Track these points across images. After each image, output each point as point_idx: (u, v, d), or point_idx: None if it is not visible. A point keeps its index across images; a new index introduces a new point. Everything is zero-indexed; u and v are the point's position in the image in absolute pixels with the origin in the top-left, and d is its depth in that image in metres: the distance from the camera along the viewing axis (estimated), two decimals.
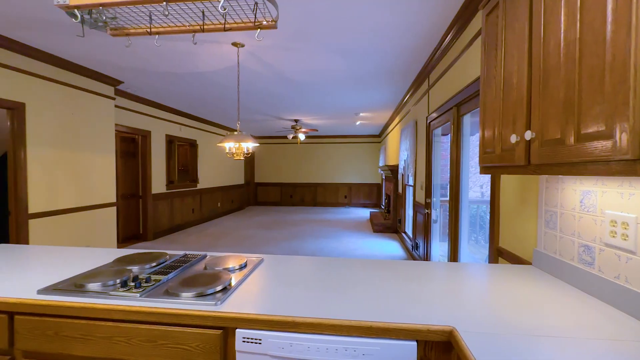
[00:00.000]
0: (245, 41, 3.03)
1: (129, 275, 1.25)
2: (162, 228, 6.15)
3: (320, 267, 1.45)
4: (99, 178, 4.17)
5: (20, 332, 1.09)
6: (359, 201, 10.93)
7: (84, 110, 3.92)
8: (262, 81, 4.33)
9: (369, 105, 5.99)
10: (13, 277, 1.30)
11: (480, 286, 1.24)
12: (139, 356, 1.04)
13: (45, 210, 3.43)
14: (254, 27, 1.43)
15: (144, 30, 1.45)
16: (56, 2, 1.26)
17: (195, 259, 1.52)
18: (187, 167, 7.26)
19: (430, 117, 3.64)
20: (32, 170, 3.28)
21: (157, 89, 4.85)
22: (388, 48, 3.20)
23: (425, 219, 3.81)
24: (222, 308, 1.03)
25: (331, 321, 0.95)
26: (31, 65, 3.26)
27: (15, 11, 2.47)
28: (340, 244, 5.56)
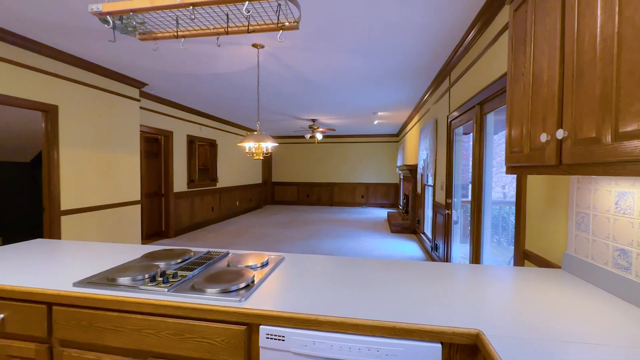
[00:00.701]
0: (265, 42, 3.07)
1: (157, 271, 1.30)
2: (183, 226, 6.32)
3: (341, 267, 1.45)
4: (125, 177, 4.33)
5: (57, 322, 1.15)
6: (376, 201, 10.84)
7: (111, 112, 4.08)
8: (281, 81, 4.38)
9: (388, 104, 5.93)
10: (50, 270, 1.38)
11: (507, 289, 1.21)
12: (167, 348, 1.08)
13: (75, 207, 3.60)
14: (276, 29, 1.45)
15: (171, 34, 1.50)
16: (90, 9, 1.33)
17: (218, 256, 1.55)
18: (207, 167, 7.43)
19: (451, 115, 3.56)
20: (64, 169, 3.45)
21: (180, 91, 4.99)
22: (409, 46, 3.16)
23: (446, 220, 3.74)
24: (246, 304, 1.05)
25: (354, 320, 0.95)
26: (63, 69, 3.43)
27: (50, 18, 2.60)
28: (357, 244, 5.54)
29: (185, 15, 1.39)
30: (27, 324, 1.18)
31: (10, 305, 1.19)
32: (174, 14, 1.41)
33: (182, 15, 1.41)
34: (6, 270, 1.36)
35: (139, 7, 1.29)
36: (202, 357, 1.06)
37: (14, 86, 2.96)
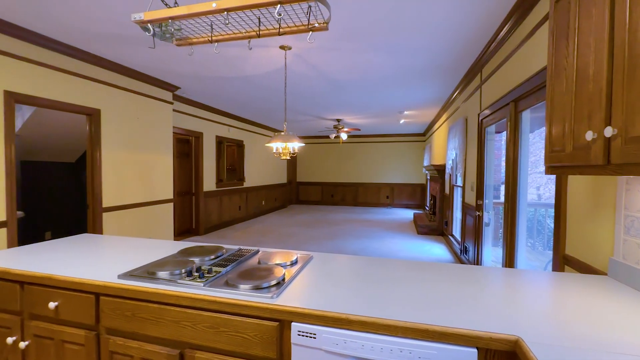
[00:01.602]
0: (292, 44, 3.11)
1: (193, 266, 1.35)
2: (212, 223, 6.54)
3: (369, 267, 1.45)
4: (159, 177, 4.55)
5: (104, 311, 1.24)
6: (401, 202, 10.65)
7: (146, 115, 4.31)
8: (307, 82, 4.41)
9: (414, 103, 5.81)
10: (97, 262, 1.48)
11: (546, 295, 1.15)
12: (202, 340, 1.12)
13: (115, 205, 3.83)
14: (306, 30, 1.47)
15: (206, 38, 1.56)
16: (133, 19, 1.41)
17: (249, 254, 1.60)
18: (234, 167, 7.64)
19: (483, 114, 3.43)
20: (105, 169, 3.68)
21: (209, 93, 5.17)
22: (438, 43, 3.08)
23: (476, 222, 3.61)
24: (278, 301, 1.07)
25: (385, 321, 0.95)
26: (105, 75, 3.66)
27: (95, 28, 2.79)
28: (382, 245, 5.47)
29: (220, 21, 1.44)
30: (78, 312, 1.27)
31: (63, 294, 1.30)
32: (208, 20, 1.47)
33: (216, 21, 1.47)
34: (58, 261, 1.48)
35: (177, 14, 1.35)
36: (235, 350, 1.09)
37: (62, 92, 3.20)
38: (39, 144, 4.56)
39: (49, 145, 4.70)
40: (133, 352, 1.20)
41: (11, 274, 1.35)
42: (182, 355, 1.16)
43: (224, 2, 1.29)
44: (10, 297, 1.37)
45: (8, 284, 1.37)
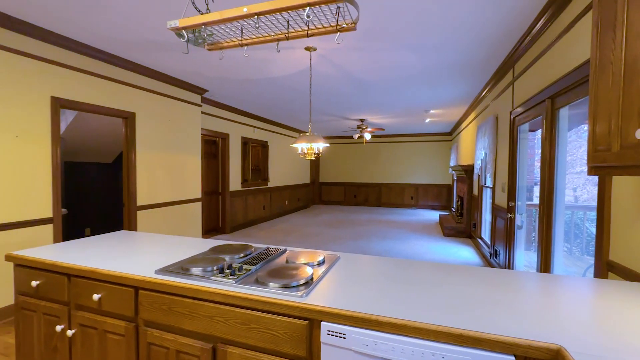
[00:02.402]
0: (317, 45, 3.13)
1: (224, 264, 1.40)
2: (237, 222, 6.70)
3: (398, 268, 1.43)
4: (188, 177, 4.73)
5: (143, 304, 1.31)
6: (426, 203, 10.41)
7: (177, 117, 4.48)
8: (331, 82, 4.42)
9: (441, 101, 5.66)
10: (135, 258, 1.56)
11: (588, 303, 1.09)
12: (234, 336, 1.16)
13: (148, 204, 4.02)
14: (334, 31, 1.47)
15: (236, 42, 1.60)
16: (169, 26, 1.47)
17: (277, 253, 1.63)
18: (258, 167, 7.79)
19: (515, 111, 3.29)
20: (139, 169, 3.88)
21: (236, 95, 5.30)
22: (466, 40, 2.98)
23: (507, 224, 3.46)
24: (307, 300, 1.08)
25: (417, 324, 0.93)
26: (140, 80, 3.85)
27: (131, 36, 2.94)
28: (407, 247, 5.38)
29: (250, 25, 1.48)
30: (119, 304, 1.35)
31: (105, 286, 1.38)
32: (239, 24, 1.51)
33: (247, 25, 1.51)
34: (101, 256, 1.58)
35: (210, 20, 1.40)
36: (266, 347, 1.12)
37: (102, 96, 3.40)
38: (80, 146, 4.87)
39: (88, 147, 5.00)
40: (169, 344, 1.26)
41: (60, 266, 1.45)
42: (215, 349, 1.20)
43: (255, 6, 1.33)
44: (59, 289, 1.48)
45: (57, 276, 1.48)
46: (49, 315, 1.52)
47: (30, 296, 1.57)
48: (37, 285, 1.53)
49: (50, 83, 2.93)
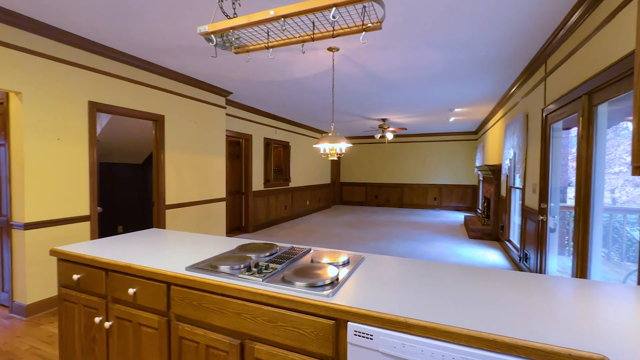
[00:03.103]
0: (340, 45, 3.13)
1: (250, 262, 1.43)
2: (260, 222, 6.82)
3: (424, 270, 1.40)
4: (213, 177, 4.86)
5: (174, 299, 1.36)
6: (450, 204, 10.14)
7: (202, 119, 4.62)
8: (353, 82, 4.40)
9: (466, 99, 5.50)
10: (167, 254, 1.63)
11: (633, 311, 1.02)
12: (261, 333, 1.18)
13: (175, 203, 4.18)
14: (359, 31, 1.47)
15: (263, 45, 1.63)
16: (199, 31, 1.53)
17: (302, 252, 1.64)
18: (280, 167, 7.88)
19: (548, 109, 3.14)
20: (168, 170, 4.03)
21: (259, 97, 5.40)
22: (495, 35, 2.88)
23: (539, 227, 3.31)
24: (333, 300, 1.09)
25: (447, 327, 0.91)
26: (168, 84, 4.00)
27: (160, 42, 3.07)
28: (431, 248, 5.26)
29: (276, 27, 1.50)
30: (152, 298, 1.41)
31: (139, 281, 1.45)
32: (265, 27, 1.54)
33: (273, 27, 1.53)
34: (135, 252, 1.65)
35: (238, 24, 1.44)
36: (292, 345, 1.13)
37: (134, 100, 3.57)
38: (113, 147, 5.13)
39: (120, 148, 5.26)
40: (199, 339, 1.30)
41: (99, 262, 1.54)
42: (243, 345, 1.22)
43: (281, 9, 1.35)
44: (98, 282, 1.57)
45: (96, 271, 1.57)
46: (88, 308, 1.61)
47: (72, 289, 1.68)
48: (78, 279, 1.63)
49: (88, 88, 3.10)
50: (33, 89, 2.69)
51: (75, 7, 2.41)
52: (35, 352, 2.18)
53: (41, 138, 2.76)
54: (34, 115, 2.71)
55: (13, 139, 2.71)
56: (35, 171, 2.73)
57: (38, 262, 2.77)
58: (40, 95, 2.74)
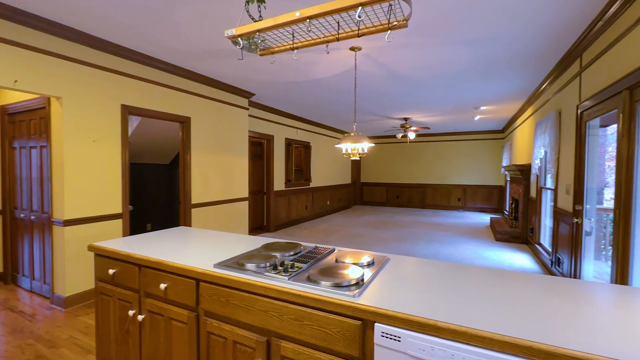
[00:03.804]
0: (362, 44, 3.11)
1: (276, 260, 1.45)
2: (281, 221, 6.89)
3: (452, 272, 1.37)
4: (236, 177, 4.97)
5: (203, 295, 1.40)
6: (475, 205, 9.82)
7: (226, 121, 4.74)
8: (375, 82, 4.36)
9: (492, 97, 5.31)
10: (195, 252, 1.68)
11: None
12: (288, 331, 1.19)
13: (201, 202, 4.30)
14: (385, 29, 1.46)
15: (288, 46, 1.65)
16: (226, 34, 1.56)
17: (326, 252, 1.64)
18: (301, 167, 7.93)
19: (583, 105, 2.97)
20: (194, 170, 4.16)
21: (281, 98, 5.46)
22: (525, 29, 2.76)
23: (573, 230, 3.14)
24: (360, 300, 1.08)
25: (479, 332, 0.88)
26: (195, 87, 4.13)
27: (188, 47, 3.17)
28: (456, 251, 5.12)
29: (301, 28, 1.52)
30: (182, 294, 1.46)
31: (170, 277, 1.50)
32: (290, 29, 1.55)
33: (298, 29, 1.55)
34: (165, 249, 1.72)
35: (264, 26, 1.46)
36: (318, 344, 1.13)
37: (162, 103, 3.71)
38: (142, 148, 5.35)
39: (149, 149, 5.48)
40: (226, 335, 1.33)
41: (133, 257, 1.61)
42: (269, 342, 1.24)
43: (307, 10, 1.36)
44: (132, 277, 1.64)
45: (130, 266, 1.64)
46: (122, 301, 1.70)
47: (108, 282, 1.77)
48: (114, 273, 1.71)
49: (120, 92, 3.26)
50: (72, 93, 2.86)
51: (110, 15, 2.54)
52: (74, 342, 2.32)
53: (79, 140, 2.92)
54: (72, 119, 2.87)
55: (54, 141, 2.89)
56: (74, 171, 2.90)
57: (75, 257, 2.94)
58: (78, 99, 2.91)
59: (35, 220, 3.18)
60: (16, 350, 2.21)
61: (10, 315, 2.75)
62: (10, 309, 2.87)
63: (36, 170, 3.16)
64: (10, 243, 3.48)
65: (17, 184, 3.39)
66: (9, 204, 3.46)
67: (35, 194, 3.18)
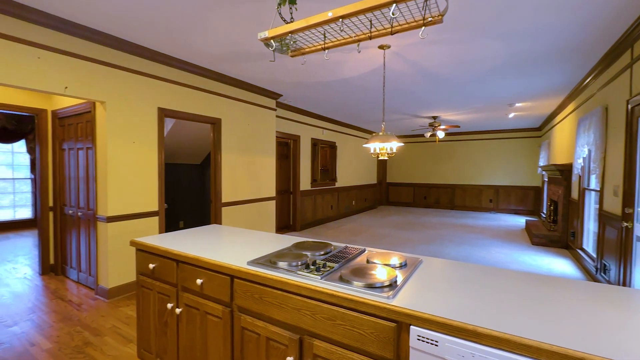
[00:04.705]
0: (391, 42, 3.06)
1: (307, 259, 1.46)
2: (307, 221, 6.94)
3: (489, 277, 1.31)
4: (264, 177, 5.06)
5: (237, 291, 1.44)
6: (508, 206, 9.37)
7: (254, 122, 4.84)
8: (403, 80, 4.28)
9: (529, 93, 5.03)
10: (228, 249, 1.73)
11: None
12: (320, 330, 1.20)
13: (230, 201, 4.43)
14: (418, 26, 1.42)
15: (319, 47, 1.66)
16: (259, 37, 1.60)
17: (357, 252, 1.64)
18: (327, 167, 7.95)
19: (634, 100, 2.75)
20: (224, 170, 4.29)
21: (307, 98, 5.50)
22: (565, 20, 2.60)
23: (622, 235, 2.91)
24: (394, 302, 1.07)
25: (524, 340, 0.84)
26: (225, 89, 4.26)
27: (219, 50, 3.27)
28: (488, 254, 4.91)
29: (333, 29, 1.52)
30: (217, 289, 1.51)
31: (206, 273, 1.56)
32: (322, 29, 1.56)
33: (329, 29, 1.55)
34: (200, 246, 1.79)
35: (297, 27, 1.48)
36: (351, 344, 1.13)
37: (196, 105, 3.86)
38: (175, 149, 5.59)
39: (181, 150, 5.72)
40: (260, 331, 1.36)
41: (171, 253, 1.69)
42: (302, 340, 1.26)
43: (340, 10, 1.36)
44: (170, 272, 1.72)
45: (169, 262, 1.72)
46: (161, 294, 1.78)
47: (148, 276, 1.87)
48: (153, 268, 1.80)
49: (157, 96, 3.43)
50: (114, 98, 3.04)
51: (148, 22, 2.67)
52: (117, 331, 2.47)
53: (120, 142, 3.11)
54: (115, 121, 3.06)
55: (99, 143, 3.09)
56: (116, 171, 3.08)
57: (117, 252, 3.13)
58: (120, 103, 3.09)
59: (82, 216, 3.42)
60: (67, 337, 2.39)
61: (61, 304, 2.98)
62: (60, 298, 3.10)
63: (83, 170, 3.40)
64: (60, 237, 3.77)
65: (66, 182, 3.67)
66: (59, 201, 3.74)
67: (82, 192, 3.42)
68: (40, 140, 3.70)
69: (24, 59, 2.46)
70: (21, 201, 6.99)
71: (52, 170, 3.76)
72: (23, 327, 2.54)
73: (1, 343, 2.30)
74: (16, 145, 6.87)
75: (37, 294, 3.22)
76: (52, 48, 2.60)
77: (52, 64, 2.61)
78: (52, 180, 3.77)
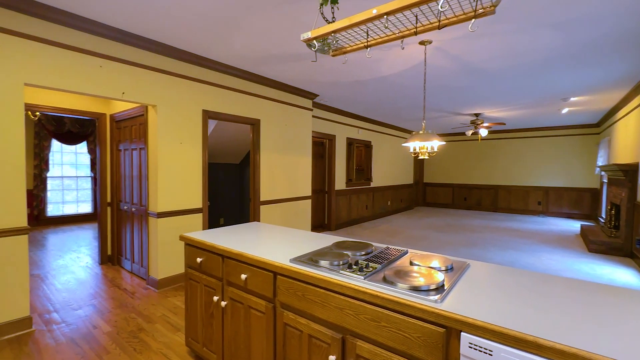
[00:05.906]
0: (433, 37, 2.96)
1: (349, 259, 1.45)
2: (341, 220, 6.93)
3: (547, 285, 1.22)
4: (301, 176, 5.13)
5: (280, 287, 1.47)
6: (559, 210, 8.65)
7: (292, 122, 4.92)
8: (445, 76, 4.11)
9: (586, 87, 4.60)
10: (270, 246, 1.78)
11: None
12: (364, 331, 1.19)
13: (268, 199, 4.54)
14: (468, 18, 1.36)
15: (362, 45, 1.64)
16: (302, 38, 1.62)
17: (399, 254, 1.60)
18: (362, 167, 7.87)
19: None
20: (263, 169, 4.41)
21: (343, 97, 5.48)
22: (628, 6, 2.33)
23: None
24: (443, 307, 1.03)
25: (593, 356, 0.77)
26: (264, 91, 4.38)
27: (258, 52, 3.37)
28: (538, 261, 4.57)
29: (377, 26, 1.50)
30: (260, 285, 1.56)
31: (250, 269, 1.61)
32: (365, 27, 1.54)
33: (373, 26, 1.53)
34: (243, 242, 1.85)
35: (340, 27, 1.48)
36: (396, 347, 1.11)
37: (236, 107, 4.01)
38: (216, 149, 5.86)
39: (222, 150, 5.97)
40: (302, 328, 1.38)
41: (217, 248, 1.77)
42: (344, 340, 1.25)
43: (384, 6, 1.33)
44: (216, 266, 1.80)
45: (215, 256, 1.81)
46: (208, 287, 1.87)
47: (196, 270, 1.97)
48: (200, 262, 1.90)
49: (201, 98, 3.61)
50: (164, 101, 3.25)
51: (195, 29, 2.82)
52: (166, 320, 2.64)
53: (169, 142, 3.32)
54: (165, 124, 3.27)
55: (150, 144, 3.32)
56: (165, 170, 3.30)
57: (166, 245, 3.34)
58: (169, 106, 3.30)
59: (135, 212, 3.70)
60: (123, 322, 2.60)
61: (117, 291, 3.25)
62: (117, 287, 3.39)
63: (136, 169, 3.67)
64: (116, 231, 4.11)
65: (122, 180, 3.99)
66: (115, 198, 4.08)
67: (135, 189, 3.70)
68: (99, 141, 4.06)
69: (88, 67, 2.71)
70: (83, 197, 7.72)
71: (110, 169, 4.11)
72: (86, 310, 2.80)
73: (70, 324, 2.56)
74: (79, 147, 7.60)
75: (97, 281, 3.54)
76: (111, 57, 2.84)
77: (112, 71, 2.85)
78: (110, 178, 4.12)
